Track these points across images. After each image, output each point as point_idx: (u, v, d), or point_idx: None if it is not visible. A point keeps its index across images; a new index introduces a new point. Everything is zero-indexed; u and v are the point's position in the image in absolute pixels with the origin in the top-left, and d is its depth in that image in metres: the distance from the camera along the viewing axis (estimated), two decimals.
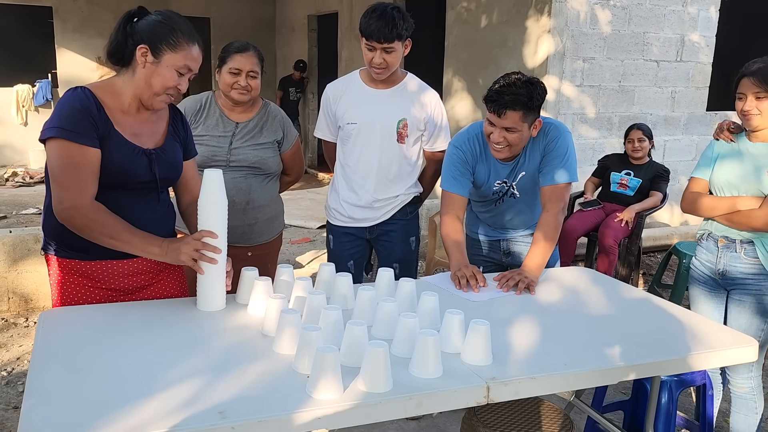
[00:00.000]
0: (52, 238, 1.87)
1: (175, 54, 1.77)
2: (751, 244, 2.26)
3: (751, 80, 2.16)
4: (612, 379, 1.69)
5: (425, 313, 1.78)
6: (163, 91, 1.80)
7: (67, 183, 1.72)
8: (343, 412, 1.36)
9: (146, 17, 1.80)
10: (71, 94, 1.76)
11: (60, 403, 1.30)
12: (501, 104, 2.16)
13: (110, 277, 1.88)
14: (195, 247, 1.76)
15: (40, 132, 1.74)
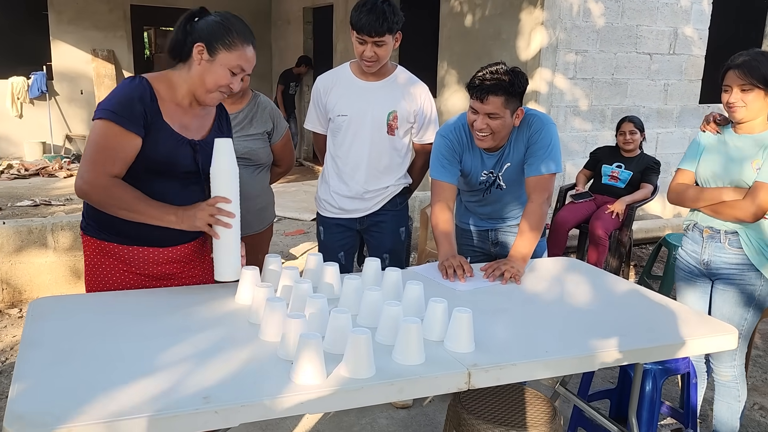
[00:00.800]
0: (91, 219, 1.94)
1: (230, 53, 1.83)
2: (735, 234, 2.29)
3: (737, 73, 2.18)
4: (592, 365, 1.71)
5: (410, 301, 1.81)
6: (215, 89, 1.86)
7: (95, 160, 1.79)
8: (325, 397, 1.38)
9: (206, 17, 1.87)
10: (129, 81, 1.85)
11: (46, 388, 1.32)
12: (483, 90, 2.20)
13: (142, 263, 1.94)
14: (209, 212, 1.81)
15: (95, 111, 1.83)
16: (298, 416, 2.83)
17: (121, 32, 9.72)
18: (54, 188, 7.42)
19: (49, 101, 9.34)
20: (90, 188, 1.79)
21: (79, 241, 3.94)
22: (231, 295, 1.90)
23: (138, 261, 1.94)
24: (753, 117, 2.21)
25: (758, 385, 3.34)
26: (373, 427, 2.79)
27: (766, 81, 2.14)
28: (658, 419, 2.44)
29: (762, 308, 2.33)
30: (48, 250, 3.87)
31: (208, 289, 1.98)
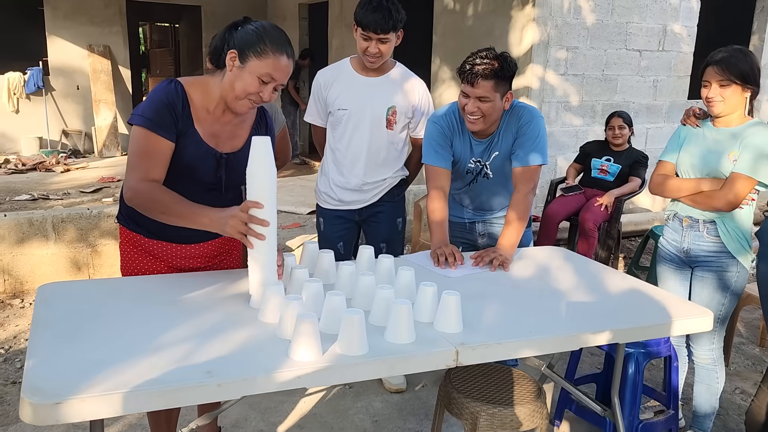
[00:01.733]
0: (125, 211, 2.03)
1: (260, 61, 1.84)
2: (713, 224, 2.39)
3: (715, 69, 2.28)
4: (574, 345, 1.81)
5: (402, 285, 1.90)
6: (244, 96, 1.87)
7: (136, 166, 1.86)
8: (320, 371, 1.47)
9: (245, 26, 1.90)
10: (164, 86, 1.89)
11: (59, 364, 1.40)
12: (474, 74, 2.28)
13: (170, 257, 2.04)
14: (241, 219, 1.72)
15: (131, 115, 1.89)
16: (296, 400, 2.93)
17: (117, 27, 9.76)
18: (51, 183, 7.48)
19: (46, 96, 9.38)
20: (133, 194, 1.85)
21: (78, 233, 4.02)
22: (235, 280, 1.98)
23: (165, 254, 2.04)
24: (730, 111, 2.31)
25: (740, 371, 3.45)
26: (368, 410, 2.89)
27: (743, 77, 2.23)
28: (640, 401, 2.55)
29: (738, 294, 2.43)
30: (49, 242, 3.95)
31: (214, 275, 2.06)
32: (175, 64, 17.85)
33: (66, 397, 1.26)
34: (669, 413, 2.65)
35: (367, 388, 3.07)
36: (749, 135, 2.28)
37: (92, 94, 9.51)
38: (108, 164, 8.91)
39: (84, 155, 9.58)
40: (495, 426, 1.93)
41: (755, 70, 2.25)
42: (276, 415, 2.81)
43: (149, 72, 21.12)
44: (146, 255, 2.05)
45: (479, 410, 1.94)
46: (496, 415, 1.93)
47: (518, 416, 1.95)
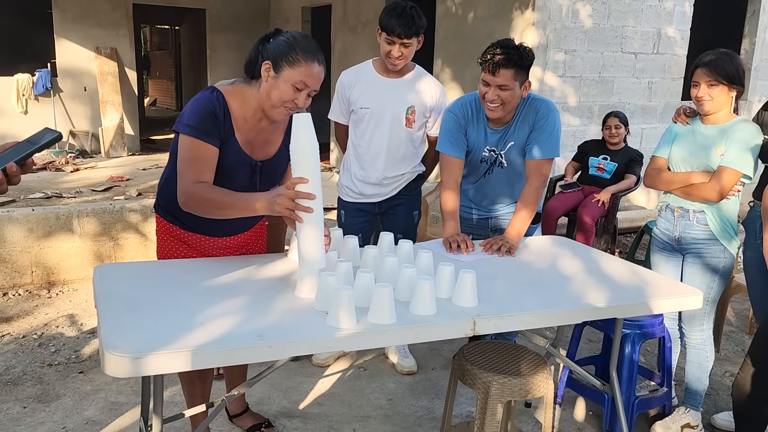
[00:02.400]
0: (163, 204, 2.22)
1: (293, 70, 1.95)
2: (702, 213, 2.60)
3: (704, 70, 2.49)
4: (576, 318, 2.02)
5: (421, 266, 2.10)
6: (280, 104, 2.00)
7: (187, 172, 1.99)
8: (356, 335, 1.67)
9: (277, 37, 2.02)
10: (207, 95, 2.03)
11: (129, 328, 1.60)
12: (495, 63, 2.43)
13: (203, 247, 2.24)
14: (288, 196, 1.79)
15: (175, 123, 2.02)
16: (315, 381, 3.13)
17: (124, 30, 9.95)
18: (63, 182, 7.67)
19: (54, 98, 9.56)
20: (187, 198, 1.98)
21: (102, 227, 4.22)
22: (270, 261, 2.18)
23: (198, 245, 2.24)
24: (718, 109, 2.52)
25: (730, 356, 3.67)
26: (382, 389, 3.09)
27: (729, 78, 2.44)
28: (636, 379, 2.75)
29: (726, 277, 2.65)
30: (74, 235, 4.14)
31: (249, 258, 2.26)
32: (176, 67, 18.07)
33: (144, 354, 1.46)
34: (663, 390, 2.86)
35: (381, 371, 3.27)
36: (735, 131, 2.49)
37: (99, 95, 9.69)
38: (115, 164, 9.10)
39: (91, 155, 9.76)
40: (505, 394, 2.14)
41: (740, 72, 2.46)
42: (297, 394, 3.01)
43: (149, 74, 21.31)
44: (181, 243, 2.25)
45: (491, 380, 2.14)
46: (506, 384, 2.14)
47: (526, 385, 2.15)
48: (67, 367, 3.17)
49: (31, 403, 2.84)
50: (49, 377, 3.07)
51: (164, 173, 2.24)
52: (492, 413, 2.13)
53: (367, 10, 7.99)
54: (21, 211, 4.10)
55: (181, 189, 1.99)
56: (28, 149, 1.35)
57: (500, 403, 2.13)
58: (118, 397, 2.90)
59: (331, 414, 2.86)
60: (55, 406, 2.82)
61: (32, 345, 3.39)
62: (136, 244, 4.31)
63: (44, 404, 2.83)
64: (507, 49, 2.44)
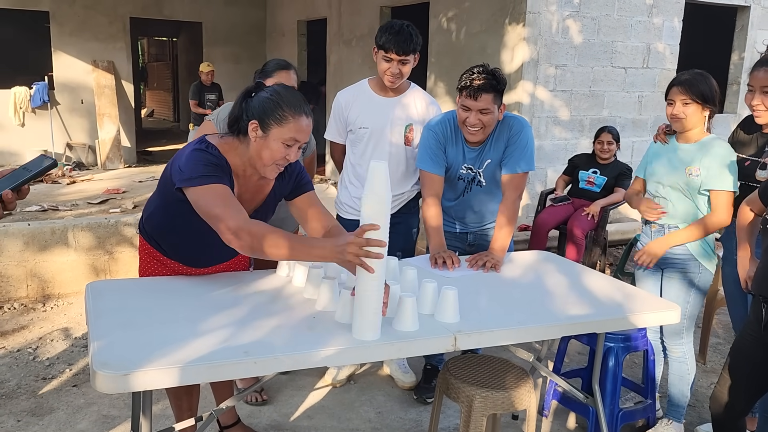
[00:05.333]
0: (149, 231, 2.24)
1: (281, 128, 1.94)
2: (677, 228, 2.66)
3: (679, 89, 2.56)
4: (557, 333, 2.08)
5: (406, 282, 2.16)
6: (271, 163, 1.99)
7: (224, 212, 1.88)
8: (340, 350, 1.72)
9: (259, 93, 2.00)
10: (204, 148, 1.99)
11: (120, 345, 1.65)
12: (475, 89, 2.53)
13: (184, 273, 2.28)
14: (359, 244, 1.71)
15: (177, 180, 1.94)
16: (306, 394, 3.17)
17: (121, 43, 10.04)
18: (59, 194, 7.72)
19: (51, 111, 9.63)
20: (240, 232, 1.85)
21: (97, 241, 4.27)
22: (257, 279, 2.24)
23: (180, 271, 2.28)
24: (692, 127, 2.59)
25: (716, 368, 3.72)
26: (372, 403, 3.13)
27: (703, 97, 2.52)
28: (620, 391, 2.80)
29: (704, 293, 2.70)
30: (69, 249, 4.19)
31: (237, 275, 2.31)
32: (173, 78, 18.16)
33: (132, 370, 1.51)
34: (647, 403, 2.91)
35: (370, 384, 3.32)
36: (710, 151, 2.55)
37: (96, 108, 9.76)
38: (112, 176, 9.15)
39: (88, 168, 9.82)
40: (488, 407, 2.19)
41: (713, 92, 2.53)
42: (287, 408, 3.05)
43: (147, 85, 21.41)
44: (163, 266, 2.29)
45: (474, 393, 2.19)
46: (489, 398, 2.19)
47: (509, 398, 2.20)
48: (61, 381, 3.21)
49: (25, 417, 2.88)
50: (43, 391, 3.11)
51: (152, 202, 2.24)
52: (476, 426, 2.18)
53: (362, 24, 8.08)
54: (17, 225, 4.15)
55: (232, 229, 1.86)
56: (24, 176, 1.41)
57: (483, 416, 2.18)
58: (110, 411, 2.94)
59: (320, 427, 2.91)
60: (48, 420, 2.86)
61: (27, 359, 3.43)
62: (131, 257, 4.36)
63: (38, 417, 2.88)
64: (484, 74, 2.54)
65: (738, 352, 2.29)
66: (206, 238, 2.03)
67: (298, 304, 2.03)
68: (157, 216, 2.20)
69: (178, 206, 2.04)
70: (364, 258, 1.71)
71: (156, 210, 2.20)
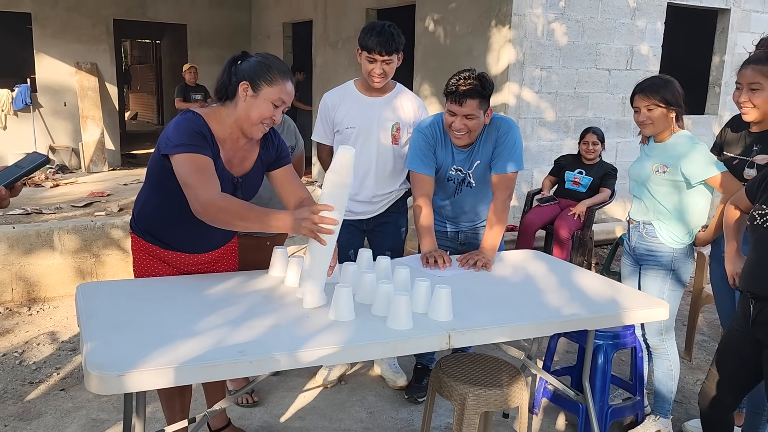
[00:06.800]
0: (142, 225, 2.26)
1: (271, 88, 2.06)
2: (651, 225, 2.71)
3: (641, 96, 2.61)
4: (548, 331, 2.10)
5: (399, 281, 2.16)
6: (259, 121, 2.09)
7: (198, 183, 1.99)
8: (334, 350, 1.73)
9: (248, 59, 2.11)
10: (190, 117, 2.08)
11: (113, 346, 1.64)
12: (460, 94, 2.55)
13: (178, 263, 2.29)
14: (314, 220, 1.91)
15: (163, 148, 2.04)
16: (296, 395, 3.17)
17: (104, 45, 9.95)
18: (43, 197, 7.63)
19: (33, 113, 9.53)
20: (209, 205, 1.97)
21: (83, 244, 4.23)
22: (250, 279, 2.24)
23: (175, 261, 2.29)
24: (660, 130, 2.65)
25: (702, 365, 3.76)
26: (363, 403, 3.14)
27: (665, 101, 2.57)
28: (609, 388, 2.83)
29: (680, 289, 2.73)
30: (55, 252, 4.15)
31: (229, 275, 2.31)
32: (157, 80, 18.05)
33: (126, 371, 1.51)
34: (635, 399, 2.94)
35: (361, 384, 3.32)
36: (678, 149, 2.60)
37: (79, 110, 9.67)
38: (96, 179, 9.07)
39: (71, 171, 9.72)
40: (481, 405, 2.20)
41: (676, 94, 2.58)
42: (278, 409, 3.05)
43: (130, 88, 21.26)
44: (157, 261, 2.30)
45: (467, 391, 2.21)
46: (482, 396, 2.20)
47: (502, 396, 2.21)
48: (48, 385, 3.18)
49: (12, 422, 2.84)
50: (30, 395, 3.08)
51: (141, 195, 2.28)
52: (469, 424, 2.19)
53: (347, 26, 8.09)
54: (1, 228, 4.10)
55: (201, 199, 1.97)
56: (16, 173, 1.40)
57: (476, 414, 2.19)
58: (99, 414, 2.92)
59: (312, 428, 2.90)
60: (36, 424, 2.83)
61: (13, 363, 3.39)
62: (118, 260, 4.33)
63: (26, 422, 2.84)
64: (470, 80, 2.56)
65: (726, 347, 2.32)
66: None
67: (292, 303, 2.03)
68: (149, 204, 2.23)
69: (167, 183, 2.08)
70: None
71: (147, 198, 2.24)
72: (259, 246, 2.81)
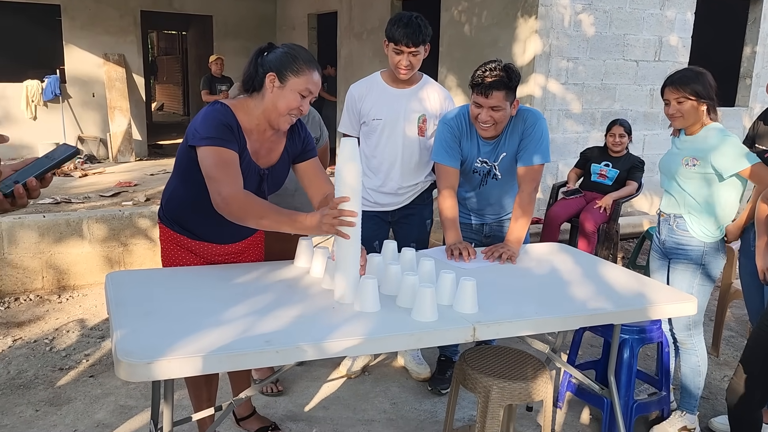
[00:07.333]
0: (170, 215, 2.28)
1: (298, 78, 2.07)
2: (682, 218, 2.67)
3: (671, 88, 2.57)
4: (573, 324, 2.08)
5: (424, 273, 2.16)
6: (287, 112, 2.10)
7: (222, 177, 1.99)
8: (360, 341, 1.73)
9: (274, 50, 2.12)
10: (218, 108, 2.09)
11: (142, 334, 1.67)
12: (487, 86, 2.53)
13: (206, 253, 2.31)
14: (333, 215, 1.90)
15: (190, 139, 2.05)
16: (320, 385, 3.19)
17: (132, 37, 10.06)
18: (71, 187, 7.76)
19: (63, 104, 9.67)
20: (231, 200, 1.97)
21: (111, 233, 4.30)
22: (275, 269, 2.25)
23: (202, 251, 2.31)
24: (690, 124, 2.60)
25: (729, 361, 3.71)
26: (386, 394, 3.15)
27: (696, 93, 2.52)
28: (635, 383, 2.81)
29: (710, 284, 2.68)
30: (84, 241, 4.22)
31: (255, 266, 2.33)
32: (183, 72, 18.20)
33: (154, 359, 1.53)
34: (661, 395, 2.91)
35: (385, 375, 3.33)
36: (709, 141, 2.56)
37: (107, 101, 9.79)
38: (123, 169, 9.18)
39: (99, 161, 9.86)
40: (505, 398, 2.20)
41: (707, 86, 2.53)
42: (303, 398, 3.07)
43: (156, 79, 21.47)
44: (185, 251, 2.32)
45: (491, 384, 2.20)
46: (506, 388, 2.19)
47: (526, 389, 2.21)
48: (77, 371, 3.24)
49: (43, 407, 2.91)
50: (60, 381, 3.14)
51: (170, 185, 2.30)
52: (493, 417, 2.19)
53: (372, 17, 8.07)
54: (32, 217, 4.18)
55: (224, 194, 1.98)
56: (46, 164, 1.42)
57: (501, 406, 2.19)
58: (127, 401, 2.97)
59: (336, 417, 2.93)
60: (66, 410, 2.89)
61: (44, 349, 3.47)
62: (145, 249, 4.39)
63: (56, 407, 2.91)
64: (496, 71, 2.53)
65: (755, 343, 2.29)
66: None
67: (317, 294, 2.04)
68: (177, 194, 2.25)
69: (195, 173, 2.09)
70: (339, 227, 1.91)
71: (176, 188, 2.26)
72: (284, 237, 2.82)
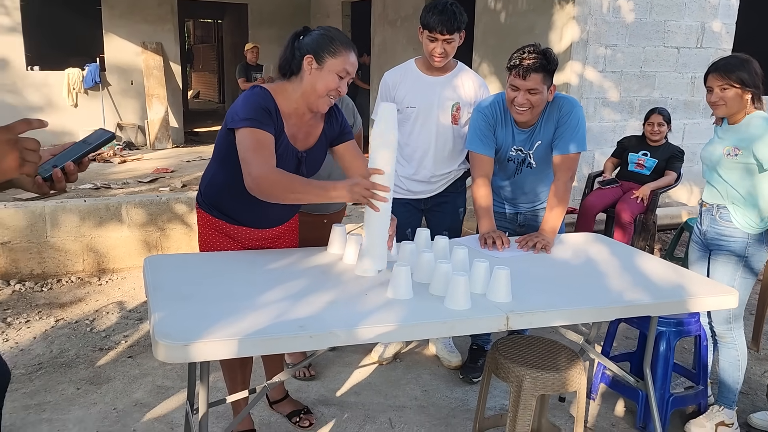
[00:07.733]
0: (209, 200, 2.32)
1: (335, 59, 2.09)
2: (725, 209, 2.60)
3: (715, 75, 2.50)
4: (608, 316, 2.05)
5: (457, 262, 2.16)
6: (325, 93, 2.12)
7: (255, 158, 2.01)
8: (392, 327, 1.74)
9: (310, 33, 2.15)
10: (257, 92, 2.13)
11: (179, 317, 1.70)
12: (525, 68, 2.51)
13: (243, 238, 2.34)
14: (365, 185, 1.96)
15: (229, 122, 2.09)
16: (352, 371, 3.22)
17: (169, 25, 10.19)
18: (111, 173, 7.93)
19: (102, 92, 9.87)
20: (257, 183, 2.00)
21: (149, 218, 4.38)
22: (309, 255, 2.27)
23: (239, 236, 2.34)
24: (734, 112, 2.53)
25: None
26: (418, 381, 3.16)
27: (741, 81, 2.45)
28: (671, 376, 2.76)
29: (752, 276, 2.62)
30: (123, 225, 4.32)
31: (288, 252, 2.35)
32: (218, 60, 18.38)
33: (191, 341, 1.56)
34: (698, 388, 2.86)
35: (416, 362, 3.34)
36: (751, 130, 2.49)
37: (145, 88, 9.96)
38: (161, 156, 9.35)
39: (137, 147, 10.05)
40: (538, 388, 2.18)
41: (753, 74, 2.46)
42: (335, 383, 3.10)
43: (192, 67, 21.73)
44: (222, 235, 2.35)
45: (524, 374, 2.19)
46: (539, 378, 2.18)
47: (559, 380, 2.19)
48: (117, 352, 3.33)
49: (84, 385, 2.99)
50: (101, 361, 3.23)
51: (209, 171, 2.34)
52: (525, 407, 2.18)
53: (406, 4, 8.02)
54: (73, 201, 4.29)
55: (254, 174, 2.00)
56: (84, 149, 1.45)
57: (533, 396, 2.18)
58: (164, 381, 3.04)
59: (367, 403, 2.95)
60: (106, 389, 2.97)
61: (85, 330, 3.57)
62: (182, 234, 4.47)
63: (96, 386, 2.99)
64: (534, 54, 2.51)
65: None
66: None
67: (350, 280, 2.05)
68: (216, 179, 2.28)
69: (234, 157, 2.10)
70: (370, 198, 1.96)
71: (215, 173, 2.29)
72: (317, 224, 2.85)
